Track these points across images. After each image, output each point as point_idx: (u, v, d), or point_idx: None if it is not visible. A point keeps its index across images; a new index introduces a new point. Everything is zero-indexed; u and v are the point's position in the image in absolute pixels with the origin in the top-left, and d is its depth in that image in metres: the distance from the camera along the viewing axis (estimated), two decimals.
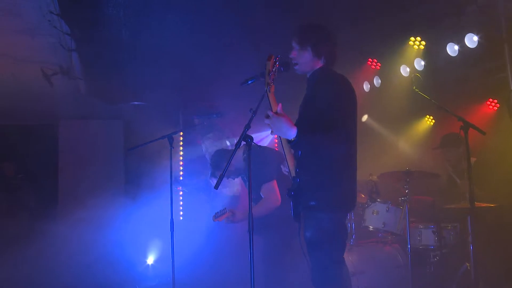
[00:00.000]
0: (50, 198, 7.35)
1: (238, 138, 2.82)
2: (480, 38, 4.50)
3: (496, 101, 5.69)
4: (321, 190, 2.81)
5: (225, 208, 4.06)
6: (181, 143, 7.09)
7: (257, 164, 3.56)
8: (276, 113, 2.65)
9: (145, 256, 6.51)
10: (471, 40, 4.57)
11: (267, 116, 2.66)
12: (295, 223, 2.95)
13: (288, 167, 2.94)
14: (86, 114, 7.30)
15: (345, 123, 2.74)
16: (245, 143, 2.80)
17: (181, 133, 6.59)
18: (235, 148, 2.95)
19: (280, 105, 2.69)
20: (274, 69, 2.77)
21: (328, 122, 2.68)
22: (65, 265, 6.15)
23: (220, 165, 4.41)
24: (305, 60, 2.96)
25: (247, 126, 2.83)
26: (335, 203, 2.82)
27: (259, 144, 4.92)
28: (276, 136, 6.89)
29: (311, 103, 2.92)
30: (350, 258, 4.56)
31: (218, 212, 4.05)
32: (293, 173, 2.91)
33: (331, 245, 2.81)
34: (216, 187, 3.02)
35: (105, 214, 6.47)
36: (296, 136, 2.62)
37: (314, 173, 2.82)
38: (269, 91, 2.77)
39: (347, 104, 2.82)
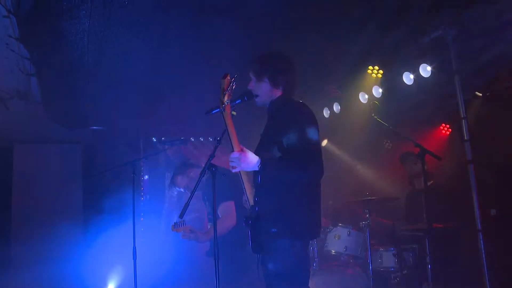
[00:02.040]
0: (2, 226, 7.02)
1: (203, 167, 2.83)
2: (433, 68, 4.74)
3: (448, 126, 5.98)
4: (282, 216, 2.71)
5: (183, 220, 4.01)
6: (142, 168, 7.01)
7: (217, 184, 3.59)
8: (240, 150, 2.60)
9: (105, 284, 6.32)
10: (425, 70, 4.81)
11: (232, 158, 2.60)
12: (253, 254, 2.85)
13: (246, 196, 2.84)
14: (43, 139, 7.08)
15: (308, 150, 2.68)
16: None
17: (142, 160, 6.49)
18: (199, 177, 2.95)
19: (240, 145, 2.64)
20: (229, 89, 2.63)
21: (291, 150, 2.65)
22: None
23: (183, 171, 4.50)
24: (263, 91, 2.91)
25: (212, 156, 2.83)
26: (297, 229, 2.71)
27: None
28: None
29: (272, 133, 2.88)
30: (313, 282, 4.60)
31: (177, 223, 4.01)
32: (251, 202, 2.81)
33: (294, 275, 2.72)
34: (181, 215, 3.00)
35: (62, 242, 6.27)
36: (260, 166, 2.60)
37: (275, 199, 2.73)
38: (224, 110, 2.62)
39: (308, 130, 2.74)
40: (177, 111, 5.86)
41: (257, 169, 2.62)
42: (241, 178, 2.81)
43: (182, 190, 4.54)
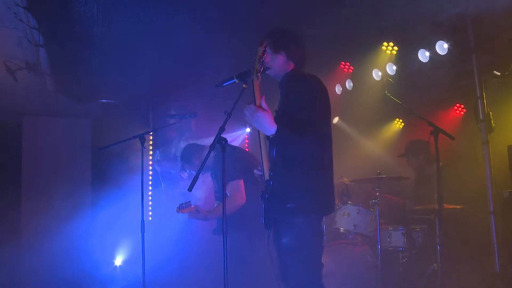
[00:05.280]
0: (13, 198, 7.07)
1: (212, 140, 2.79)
2: (450, 45, 4.61)
3: (462, 106, 5.86)
4: (298, 192, 2.75)
5: (189, 201, 4.02)
6: (151, 142, 6.97)
7: (225, 162, 3.56)
8: (260, 107, 2.62)
9: (113, 257, 6.38)
10: (442, 47, 4.67)
11: (249, 108, 2.62)
12: (265, 229, 2.85)
13: (263, 169, 2.84)
14: (52, 112, 7.05)
15: (320, 125, 2.73)
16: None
17: (151, 133, 6.47)
18: (209, 150, 2.90)
19: (263, 97, 2.65)
20: (263, 58, 2.70)
21: (303, 123, 2.66)
22: (28, 268, 5.96)
23: (190, 159, 4.41)
24: (278, 64, 2.95)
25: (222, 128, 2.78)
26: (313, 205, 2.76)
27: (230, 143, 4.94)
28: (247, 136, 6.87)
29: (285, 105, 2.89)
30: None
31: (182, 204, 4.00)
32: (266, 176, 2.81)
33: (310, 250, 2.75)
34: (190, 189, 2.95)
35: (70, 215, 6.31)
36: (275, 133, 2.61)
37: (290, 174, 2.76)
38: (257, 80, 2.70)
39: (320, 104, 2.79)
40: (188, 84, 5.79)
41: (268, 134, 2.63)
42: (261, 151, 2.81)
43: (194, 172, 4.51)
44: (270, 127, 2.61)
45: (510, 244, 4.18)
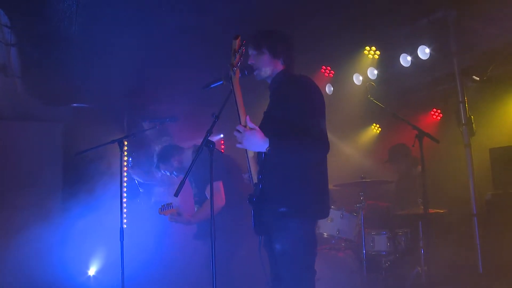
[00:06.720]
0: None
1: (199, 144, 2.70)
2: (432, 50, 4.66)
3: (439, 111, 5.95)
4: (290, 195, 2.65)
5: (171, 203, 3.96)
6: (126, 147, 6.78)
7: (203, 165, 3.48)
8: (245, 126, 2.50)
9: (86, 267, 6.16)
10: (424, 52, 4.72)
11: (238, 131, 2.50)
12: (256, 235, 2.75)
13: (251, 172, 2.74)
14: (21, 116, 6.74)
15: (317, 127, 2.63)
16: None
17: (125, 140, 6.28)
18: (197, 154, 2.81)
19: (248, 117, 2.53)
20: (240, 51, 2.63)
21: (303, 128, 2.57)
22: None
23: (168, 160, 4.33)
24: (263, 63, 2.83)
25: (209, 132, 2.70)
26: (307, 209, 2.67)
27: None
28: (222, 142, 6.74)
29: (279, 107, 2.78)
30: None
31: (164, 205, 3.94)
32: (255, 179, 2.71)
33: (305, 255, 2.67)
34: (176, 194, 2.87)
35: (39, 223, 6.05)
36: (268, 148, 2.49)
37: (280, 177, 2.66)
38: (234, 75, 2.62)
39: (316, 106, 2.70)
40: (167, 88, 5.66)
41: (264, 151, 2.51)
42: (247, 153, 2.70)
43: (167, 173, 4.40)
44: (263, 145, 2.49)
45: (493, 246, 4.23)
